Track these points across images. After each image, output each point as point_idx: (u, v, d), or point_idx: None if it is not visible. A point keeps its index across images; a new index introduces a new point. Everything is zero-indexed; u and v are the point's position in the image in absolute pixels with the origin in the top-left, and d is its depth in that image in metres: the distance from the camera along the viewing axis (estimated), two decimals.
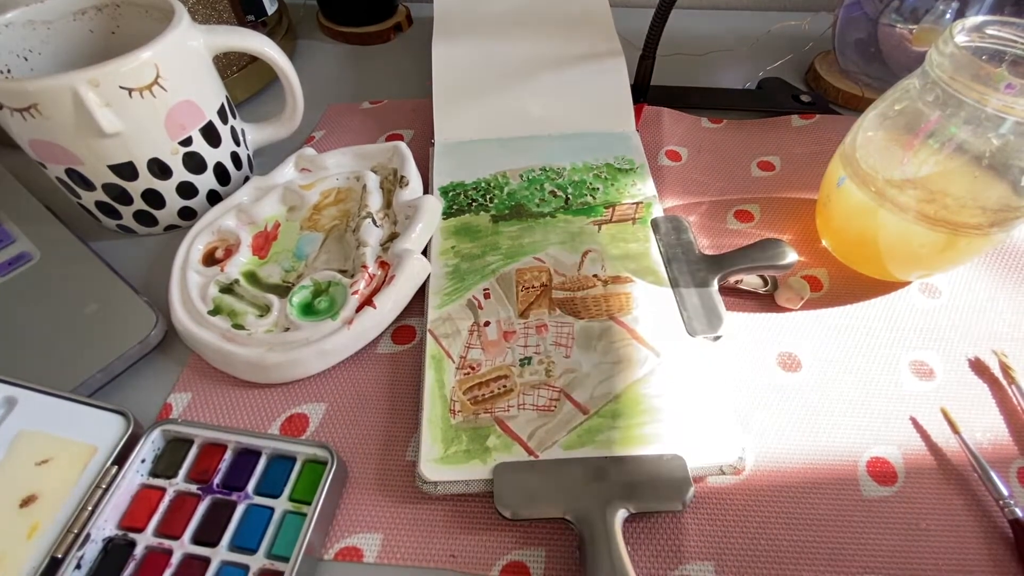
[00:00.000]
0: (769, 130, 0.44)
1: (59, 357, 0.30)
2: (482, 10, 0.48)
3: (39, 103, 0.29)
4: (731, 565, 0.24)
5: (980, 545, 0.24)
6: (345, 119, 0.47)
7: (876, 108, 0.30)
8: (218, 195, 0.38)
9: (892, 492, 0.26)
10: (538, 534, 0.25)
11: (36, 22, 0.35)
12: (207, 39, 0.35)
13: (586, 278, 0.33)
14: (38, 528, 0.23)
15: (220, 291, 0.32)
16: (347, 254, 0.34)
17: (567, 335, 0.30)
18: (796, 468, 0.27)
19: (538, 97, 0.43)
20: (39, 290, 0.33)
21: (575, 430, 0.27)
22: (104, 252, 0.35)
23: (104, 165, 0.33)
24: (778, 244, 0.32)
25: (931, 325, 0.32)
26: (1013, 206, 0.27)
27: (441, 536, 0.25)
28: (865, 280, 0.34)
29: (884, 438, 0.28)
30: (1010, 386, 0.29)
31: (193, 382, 0.30)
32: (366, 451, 0.28)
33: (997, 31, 0.27)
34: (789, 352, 0.31)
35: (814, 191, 0.37)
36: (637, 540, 0.25)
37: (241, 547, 0.24)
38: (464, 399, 0.28)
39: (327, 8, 0.57)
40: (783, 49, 0.51)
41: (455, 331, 0.31)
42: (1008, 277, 0.34)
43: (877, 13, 0.42)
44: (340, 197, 0.37)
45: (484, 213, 0.36)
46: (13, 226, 0.36)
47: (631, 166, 0.39)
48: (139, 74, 0.31)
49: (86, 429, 0.26)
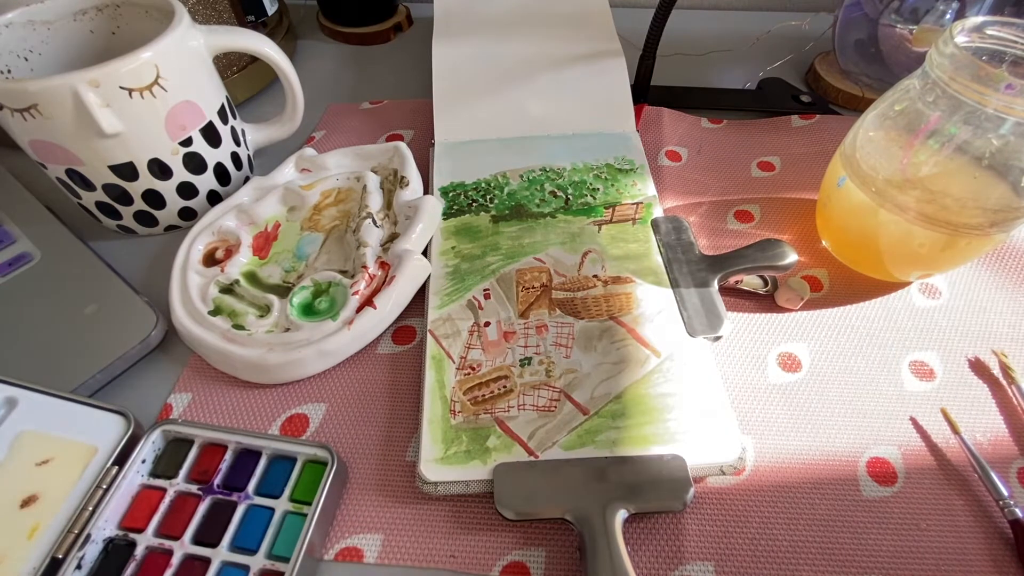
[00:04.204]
0: (769, 130, 0.44)
1: (59, 357, 0.30)
2: (482, 10, 0.48)
3: (39, 103, 0.29)
4: (731, 565, 0.24)
5: (980, 545, 0.24)
6: (345, 119, 0.47)
7: (876, 108, 0.30)
8: (218, 195, 0.38)
9: (892, 492, 0.26)
10: (538, 534, 0.25)
11: (36, 22, 0.35)
12: (207, 39, 0.35)
13: (586, 278, 0.33)
14: (39, 528, 0.23)
15: (220, 291, 0.32)
16: (347, 254, 0.34)
17: (567, 335, 0.30)
18: (796, 468, 0.27)
19: (538, 97, 0.43)
20: (39, 290, 0.33)
21: (575, 430, 0.27)
22: (104, 252, 0.35)
23: (104, 165, 0.33)
24: (778, 244, 0.32)
25: (931, 325, 0.32)
26: (1013, 206, 0.27)
27: (441, 536, 0.25)
28: (865, 280, 0.34)
29: (884, 438, 0.28)
30: (1010, 386, 0.29)
31: (193, 382, 0.30)
32: (366, 451, 0.28)
33: (997, 31, 0.27)
34: (789, 352, 0.31)
35: (814, 191, 0.37)
36: (637, 540, 0.25)
37: (241, 548, 0.24)
38: (464, 399, 0.28)
39: (327, 8, 0.57)
40: (783, 49, 0.51)
41: (455, 331, 0.31)
42: (1008, 277, 0.34)
43: (877, 13, 0.42)
44: (340, 197, 0.37)
45: (484, 213, 0.36)
46: (13, 226, 0.36)
47: (631, 166, 0.39)
48: (139, 74, 0.31)
49: (86, 429, 0.26)
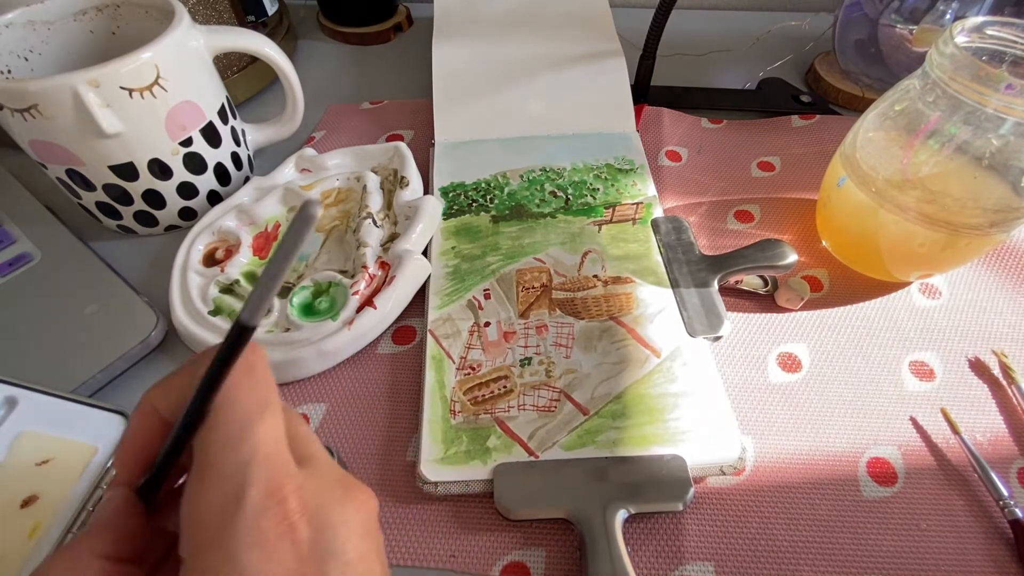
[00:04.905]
0: (769, 130, 0.44)
1: (59, 357, 0.30)
2: (482, 10, 0.48)
3: (39, 103, 0.29)
4: (731, 565, 0.24)
5: (980, 545, 0.24)
6: (345, 119, 0.47)
7: (876, 108, 0.30)
8: (218, 196, 0.38)
9: (892, 492, 0.26)
10: (538, 534, 0.25)
11: (36, 22, 0.35)
12: (207, 39, 0.35)
13: (586, 278, 0.33)
14: (39, 528, 0.23)
15: (220, 291, 0.32)
16: (348, 254, 0.34)
17: (567, 335, 0.30)
18: (796, 468, 0.27)
19: (538, 97, 0.43)
20: (39, 290, 0.33)
21: (575, 430, 0.27)
22: (104, 252, 0.35)
23: (104, 165, 0.33)
24: (778, 244, 0.32)
25: (931, 325, 0.32)
26: (1013, 206, 0.27)
27: (441, 536, 0.25)
28: (865, 280, 0.34)
29: (884, 438, 0.28)
30: (1010, 386, 0.29)
31: None
32: (366, 451, 0.28)
33: (997, 31, 0.27)
34: (789, 352, 0.31)
35: (814, 191, 0.37)
36: (637, 540, 0.25)
37: None
38: (464, 399, 0.28)
39: (327, 8, 0.57)
40: (783, 49, 0.51)
41: (455, 331, 0.31)
42: (1008, 277, 0.34)
43: (877, 13, 0.42)
44: (341, 197, 0.37)
45: (484, 213, 0.36)
46: (13, 227, 0.36)
47: (631, 166, 0.39)
48: (139, 74, 0.31)
49: (86, 429, 0.26)
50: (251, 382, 0.14)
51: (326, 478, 0.15)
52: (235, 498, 0.13)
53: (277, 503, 0.13)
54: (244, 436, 0.13)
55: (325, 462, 0.15)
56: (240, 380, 0.14)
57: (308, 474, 0.14)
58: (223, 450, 0.13)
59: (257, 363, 0.14)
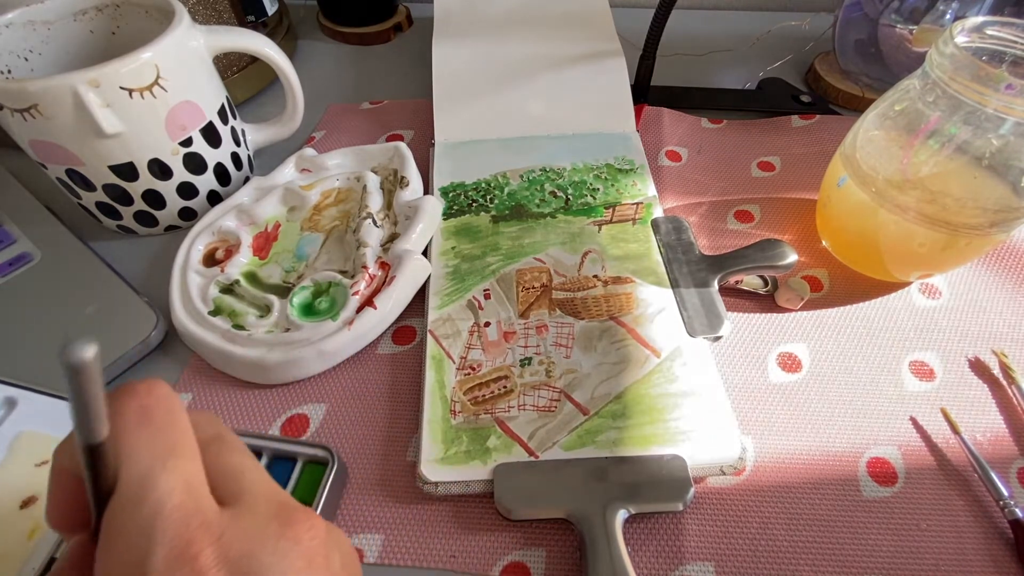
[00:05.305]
0: (769, 130, 0.44)
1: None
2: (482, 10, 0.48)
3: (39, 103, 0.29)
4: (731, 565, 0.24)
5: (980, 545, 0.24)
6: (345, 119, 0.47)
7: (876, 108, 0.30)
8: (218, 196, 0.38)
9: (892, 492, 0.26)
10: (538, 534, 0.25)
11: (36, 22, 0.35)
12: (207, 39, 0.35)
13: (586, 279, 0.33)
14: (39, 529, 0.23)
15: (220, 291, 0.32)
16: (347, 255, 0.34)
17: (567, 335, 0.30)
18: (796, 468, 0.27)
19: (538, 97, 0.43)
20: (39, 290, 0.33)
21: (575, 431, 0.27)
22: (104, 252, 0.35)
23: (104, 166, 0.33)
24: (778, 244, 0.32)
25: (931, 325, 0.32)
26: (1013, 206, 0.27)
27: (442, 536, 0.25)
28: (865, 280, 0.34)
29: (884, 438, 0.28)
30: (1010, 386, 0.29)
31: (193, 383, 0.30)
32: (367, 452, 0.28)
33: (997, 31, 0.27)
34: (789, 352, 0.31)
35: (814, 191, 0.37)
36: (637, 540, 0.25)
37: None
38: (464, 400, 0.28)
39: (327, 8, 0.57)
40: (783, 49, 0.51)
41: (455, 332, 0.31)
42: (1008, 277, 0.34)
43: (877, 13, 0.42)
44: (340, 198, 0.37)
45: (484, 213, 0.36)
46: (13, 227, 0.36)
47: (631, 166, 0.39)
48: (139, 74, 0.31)
49: None
50: (149, 431, 0.13)
51: (258, 515, 0.13)
52: (138, 566, 0.11)
53: (187, 562, 0.12)
54: (144, 492, 0.12)
55: (260, 494, 0.14)
56: (131, 431, 0.12)
57: (234, 515, 0.13)
58: (123, 512, 0.12)
59: (154, 407, 0.13)
